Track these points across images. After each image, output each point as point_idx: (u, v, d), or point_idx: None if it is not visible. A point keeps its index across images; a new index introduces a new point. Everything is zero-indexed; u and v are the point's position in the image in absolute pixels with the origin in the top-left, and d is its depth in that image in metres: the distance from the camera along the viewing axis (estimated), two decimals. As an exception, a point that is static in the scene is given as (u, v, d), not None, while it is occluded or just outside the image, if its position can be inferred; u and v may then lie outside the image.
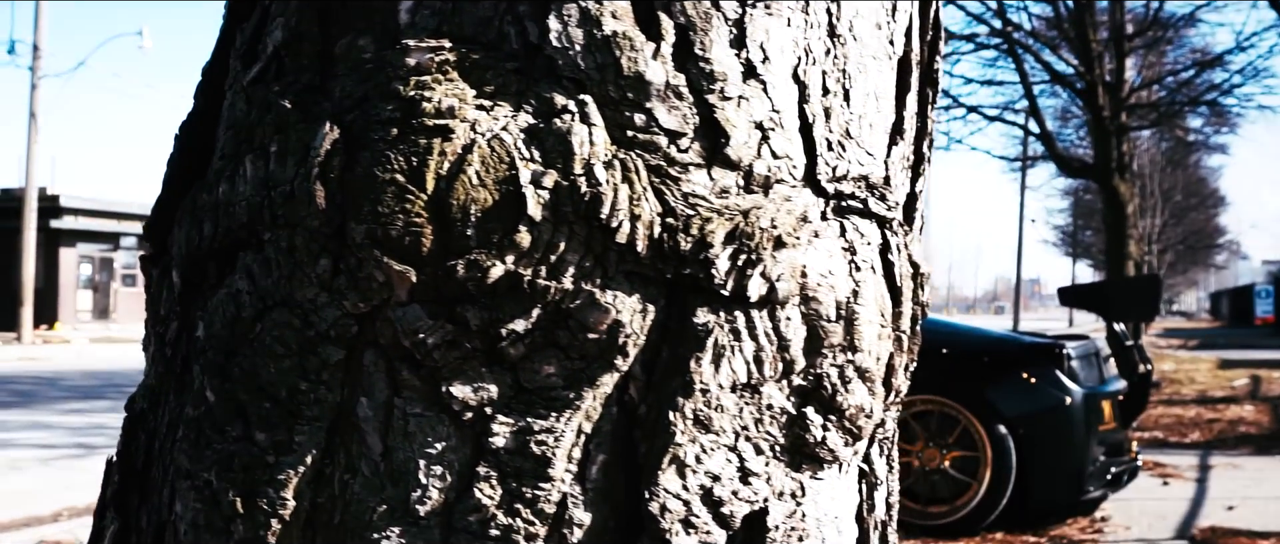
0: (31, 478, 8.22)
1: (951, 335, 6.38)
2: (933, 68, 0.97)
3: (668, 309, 0.74)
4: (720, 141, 0.74)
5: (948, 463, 5.84)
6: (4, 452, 9.55)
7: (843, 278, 0.79)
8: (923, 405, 5.89)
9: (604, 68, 0.73)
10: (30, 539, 6.05)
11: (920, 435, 5.90)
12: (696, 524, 0.73)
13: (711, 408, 0.74)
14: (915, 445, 5.89)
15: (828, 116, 0.81)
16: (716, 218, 0.74)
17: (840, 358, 0.79)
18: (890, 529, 0.95)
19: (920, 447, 5.89)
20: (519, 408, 0.72)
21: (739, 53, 0.76)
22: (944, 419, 5.87)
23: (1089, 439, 5.81)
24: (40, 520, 6.70)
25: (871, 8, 0.85)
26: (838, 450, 0.80)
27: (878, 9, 0.86)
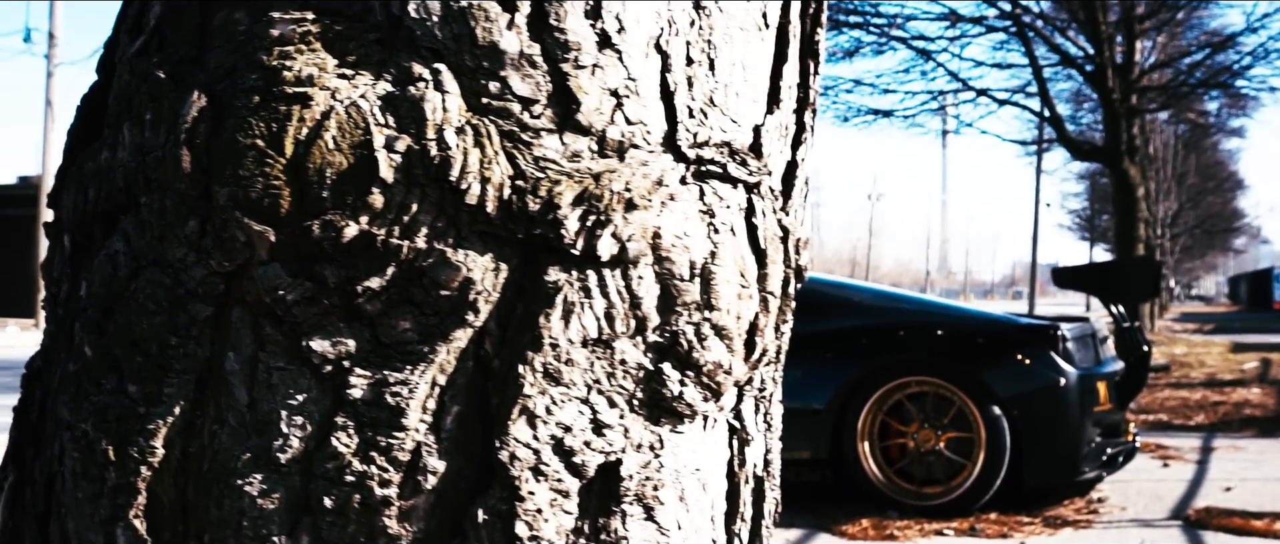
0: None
1: (946, 317, 6.40)
2: (814, 40, 1.00)
3: (523, 268, 0.78)
4: (572, 108, 0.78)
5: (943, 444, 5.87)
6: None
7: (700, 239, 0.83)
8: (917, 386, 5.92)
9: (460, 38, 0.77)
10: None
11: (915, 417, 5.93)
12: (547, 472, 0.77)
13: (561, 362, 0.78)
14: (910, 427, 5.93)
15: (691, 85, 0.85)
16: (566, 180, 0.77)
17: (696, 316, 0.82)
18: (768, 486, 0.98)
19: (915, 428, 5.92)
20: (376, 361, 0.76)
21: (594, 23, 0.79)
22: (939, 400, 5.90)
23: (1084, 420, 5.83)
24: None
25: (738, -20, 0.88)
26: (696, 405, 0.84)
27: (746, -17, 0.89)
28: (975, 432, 5.74)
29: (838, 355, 6.09)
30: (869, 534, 5.43)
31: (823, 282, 7.15)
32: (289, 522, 0.76)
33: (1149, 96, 14.96)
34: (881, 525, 5.53)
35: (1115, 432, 6.28)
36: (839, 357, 6.08)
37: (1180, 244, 34.01)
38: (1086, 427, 5.83)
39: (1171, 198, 27.32)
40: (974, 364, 5.83)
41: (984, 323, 6.25)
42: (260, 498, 0.76)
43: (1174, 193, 23.07)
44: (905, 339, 6.08)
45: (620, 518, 0.81)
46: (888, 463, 5.93)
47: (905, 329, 6.16)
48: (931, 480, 5.87)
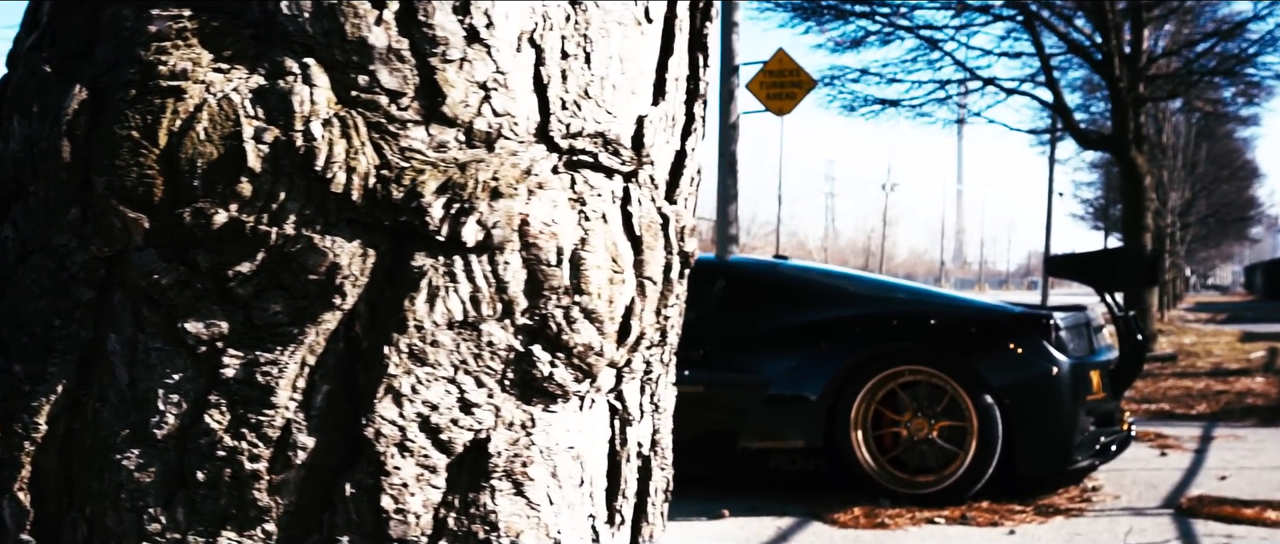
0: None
1: (939, 306, 6.42)
2: (702, 35, 1.03)
3: (392, 253, 0.82)
4: (438, 100, 0.81)
5: (935, 433, 5.89)
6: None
7: (570, 226, 0.86)
8: (910, 375, 5.94)
9: (330, 33, 0.80)
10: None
11: (908, 406, 5.95)
12: (412, 448, 0.81)
13: (427, 343, 0.81)
14: (903, 416, 5.95)
15: (565, 78, 0.88)
16: (430, 170, 0.81)
17: (565, 300, 0.86)
18: (656, 464, 1.02)
19: (908, 417, 5.95)
20: (249, 342, 0.80)
21: (463, 19, 0.83)
22: (932, 389, 5.92)
23: (1076, 409, 5.84)
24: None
25: (616, -23, 0.92)
26: (568, 385, 0.88)
27: (625, -22, 0.92)
28: (967, 421, 5.77)
29: (831, 345, 6.11)
30: (860, 522, 5.46)
31: (817, 271, 7.17)
32: (165, 494, 0.80)
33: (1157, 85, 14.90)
34: (873, 513, 5.56)
35: (1109, 420, 6.30)
36: (832, 346, 6.10)
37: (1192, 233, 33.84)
38: (1079, 415, 5.85)
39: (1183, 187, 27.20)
40: (966, 353, 5.85)
41: (977, 312, 6.26)
42: (138, 472, 0.80)
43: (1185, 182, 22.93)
44: (898, 328, 6.10)
45: (489, 493, 0.85)
46: (881, 451, 5.96)
47: (898, 318, 6.18)
48: (925, 469, 5.90)
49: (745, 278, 6.81)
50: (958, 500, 5.73)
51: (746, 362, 6.30)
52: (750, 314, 6.51)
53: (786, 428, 6.10)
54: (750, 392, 6.19)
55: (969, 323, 6.07)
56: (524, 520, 0.86)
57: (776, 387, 6.14)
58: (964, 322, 6.09)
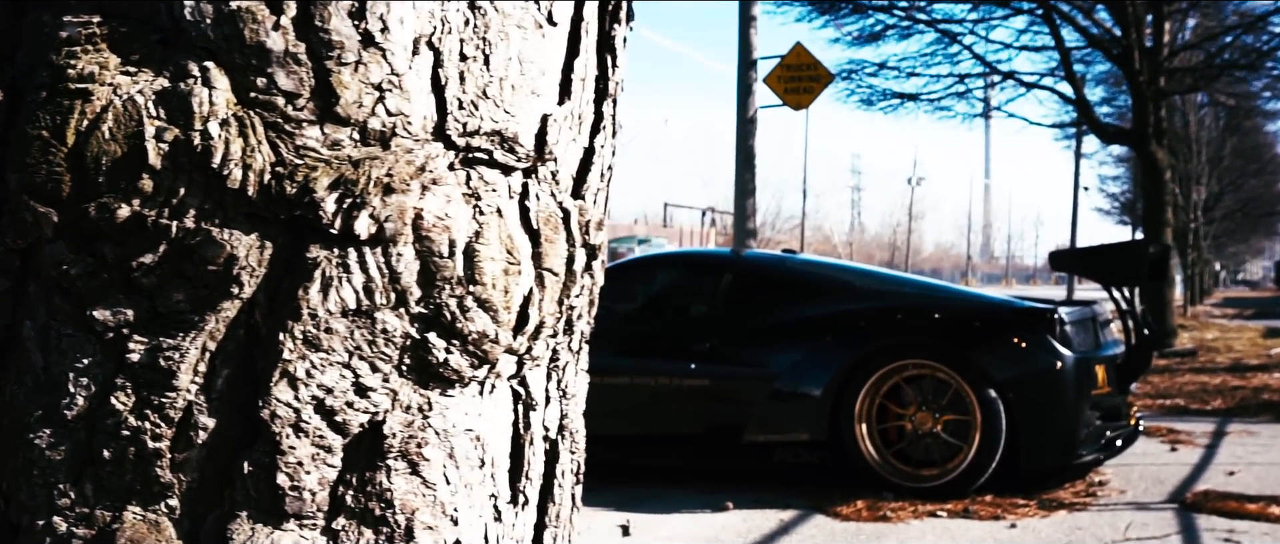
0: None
1: (943, 300, 6.44)
2: (610, 36, 1.08)
3: (291, 246, 0.87)
4: (332, 101, 0.86)
5: (939, 427, 5.91)
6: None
7: (464, 220, 0.91)
8: (914, 370, 5.97)
9: (230, 38, 0.85)
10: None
11: (913, 399, 5.98)
12: (307, 429, 0.86)
13: (321, 330, 0.86)
14: (908, 409, 5.98)
15: (463, 79, 0.93)
16: (323, 167, 0.86)
17: (458, 290, 0.91)
18: (563, 448, 1.06)
19: (913, 410, 5.97)
20: (154, 329, 0.85)
21: (358, 24, 0.88)
22: (936, 383, 5.95)
23: (1081, 403, 5.85)
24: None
25: (515, -17, 0.96)
26: (464, 371, 0.92)
27: (525, -16, 0.97)
28: (971, 415, 5.79)
29: (836, 339, 6.14)
30: (863, 515, 5.50)
31: (823, 265, 7.20)
32: (74, 471, 0.85)
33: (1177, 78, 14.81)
34: (876, 507, 5.59)
35: (1116, 415, 6.30)
36: (837, 340, 6.14)
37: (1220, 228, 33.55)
38: (1083, 410, 5.86)
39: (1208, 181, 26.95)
40: (970, 347, 5.87)
41: (981, 307, 6.28)
42: (49, 450, 0.85)
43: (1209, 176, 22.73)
44: (902, 323, 6.13)
45: (385, 472, 0.90)
46: (886, 445, 5.99)
47: (903, 313, 6.20)
48: (929, 463, 5.92)
49: (752, 272, 6.85)
50: (961, 494, 5.76)
51: (752, 355, 6.34)
52: (756, 308, 6.55)
53: (791, 421, 6.14)
54: (756, 385, 6.23)
55: (973, 317, 6.09)
56: (419, 498, 0.91)
57: (782, 380, 6.17)
58: (968, 316, 6.11)
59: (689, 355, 6.43)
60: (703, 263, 7.25)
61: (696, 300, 6.79)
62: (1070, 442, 5.85)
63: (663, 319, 6.90)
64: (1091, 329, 6.23)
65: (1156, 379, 11.47)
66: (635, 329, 6.86)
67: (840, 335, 6.15)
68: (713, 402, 6.36)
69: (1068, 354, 5.83)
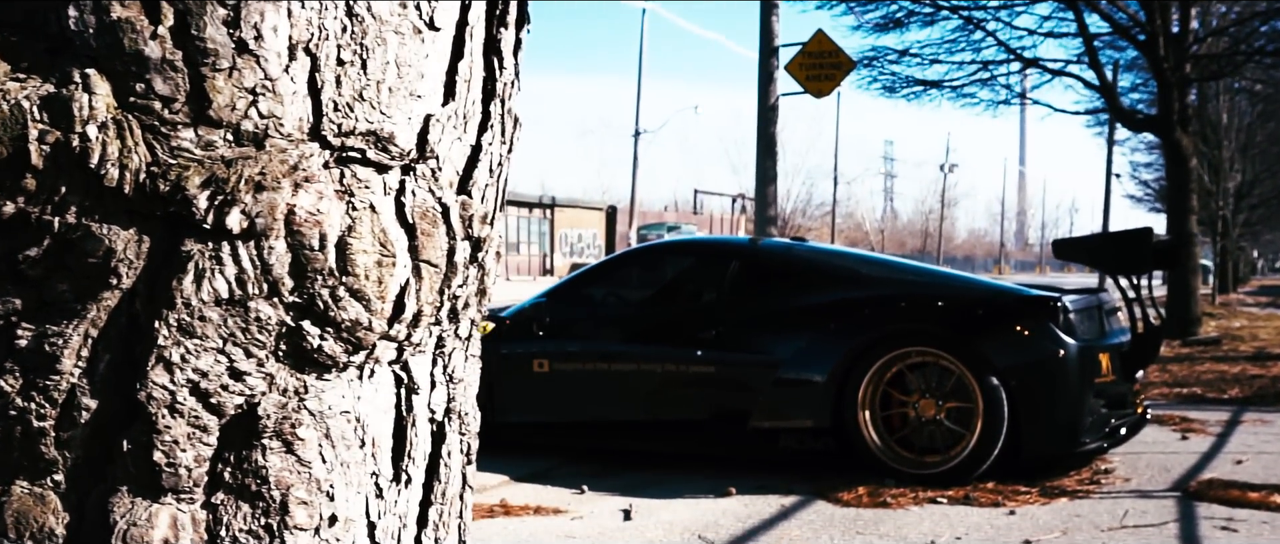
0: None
1: (947, 288, 6.46)
2: (496, 40, 1.14)
3: (169, 240, 0.93)
4: (205, 105, 0.93)
5: (943, 414, 5.94)
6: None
7: (337, 215, 0.97)
8: (917, 357, 6.00)
9: (112, 46, 0.92)
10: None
11: (916, 386, 6.01)
12: (183, 410, 0.93)
13: (195, 318, 0.93)
14: (911, 396, 6.01)
15: (339, 83, 0.99)
16: (195, 167, 0.92)
17: (331, 281, 0.97)
18: (450, 430, 1.13)
19: (916, 397, 6.00)
20: (40, 317, 0.92)
21: (233, 32, 0.94)
22: (939, 371, 5.97)
23: (1083, 391, 5.86)
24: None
25: (392, -9, 1.02)
26: (339, 357, 0.99)
27: (404, -8, 1.03)
28: (973, 402, 5.82)
29: (840, 326, 6.18)
30: (864, 502, 5.54)
31: (830, 252, 7.23)
32: (-33, 449, 0.93)
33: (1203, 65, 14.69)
34: (877, 493, 5.63)
35: (1121, 403, 6.31)
36: (841, 327, 6.17)
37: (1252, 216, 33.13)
38: (1086, 398, 5.87)
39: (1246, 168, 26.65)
40: (973, 335, 5.89)
41: (984, 294, 6.29)
42: (-57, 429, 0.92)
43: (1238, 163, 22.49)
44: (906, 310, 6.16)
45: (260, 450, 0.96)
46: (889, 432, 6.03)
47: (907, 300, 6.23)
48: (932, 450, 5.96)
49: (759, 260, 6.89)
50: (963, 481, 5.79)
51: (758, 342, 6.39)
52: (763, 295, 6.60)
53: (796, 408, 6.19)
54: (761, 372, 6.28)
55: (976, 305, 6.11)
56: (294, 475, 0.98)
57: (787, 367, 6.22)
58: (971, 303, 6.13)
59: (695, 342, 6.49)
60: (710, 250, 7.30)
61: (704, 288, 6.84)
62: (1073, 429, 5.86)
63: (670, 306, 6.96)
64: (1097, 317, 6.23)
65: (1176, 367, 11.42)
66: (643, 316, 6.93)
67: (844, 323, 6.19)
68: (719, 388, 6.42)
69: (1071, 342, 5.84)
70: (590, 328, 6.93)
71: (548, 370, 6.89)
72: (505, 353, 6.99)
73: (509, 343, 7.01)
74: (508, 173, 1.20)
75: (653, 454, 6.73)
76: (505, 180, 1.19)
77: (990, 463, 5.81)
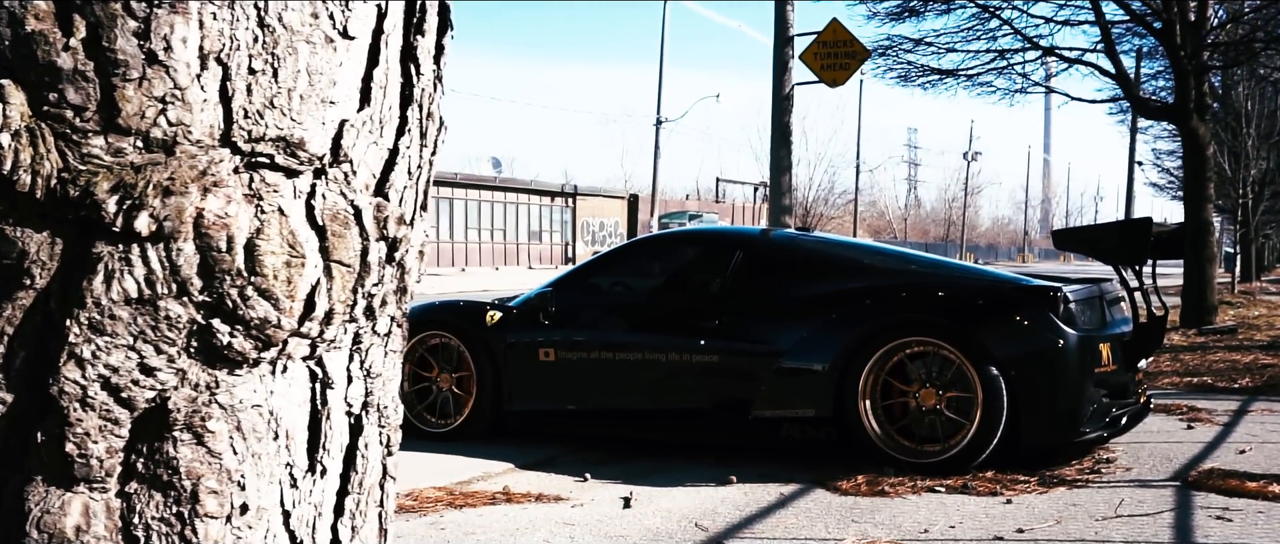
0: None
1: (948, 278, 6.48)
2: (413, 48, 1.18)
3: (82, 242, 0.98)
4: (115, 114, 0.97)
5: (943, 403, 5.97)
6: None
7: (245, 218, 1.02)
8: (918, 347, 6.02)
9: (26, 58, 0.97)
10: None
11: (917, 376, 6.03)
12: (95, 404, 0.98)
13: (105, 317, 0.98)
14: (911, 386, 6.04)
15: (250, 91, 1.04)
16: (104, 173, 0.97)
17: (239, 281, 1.02)
18: (368, 422, 1.17)
19: (916, 387, 6.03)
20: (-41, 316, 0.97)
21: (143, 44, 0.99)
22: (940, 360, 6.00)
23: (1083, 381, 5.88)
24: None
25: (303, 3, 1.07)
26: (249, 353, 1.03)
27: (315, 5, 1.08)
28: (973, 392, 5.83)
29: (841, 316, 6.21)
30: (862, 490, 5.57)
31: (834, 242, 7.24)
32: (-109, 439, 0.98)
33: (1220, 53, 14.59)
34: (876, 482, 5.66)
35: (1123, 392, 6.31)
36: (842, 317, 6.20)
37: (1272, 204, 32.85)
38: (1086, 388, 5.88)
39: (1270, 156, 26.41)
40: (972, 325, 5.91)
41: (985, 284, 6.31)
42: None
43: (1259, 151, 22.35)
44: (907, 300, 6.18)
45: (171, 443, 1.01)
46: (890, 421, 6.05)
47: (907, 290, 6.25)
48: (932, 439, 5.98)
49: (761, 250, 6.92)
50: (962, 470, 5.81)
51: (761, 332, 6.42)
52: (765, 285, 6.63)
53: (797, 397, 6.23)
54: (763, 361, 6.32)
55: (976, 295, 6.12)
56: (205, 465, 1.03)
57: (789, 357, 6.26)
58: (972, 294, 6.14)
59: (699, 331, 6.53)
60: (714, 240, 7.33)
61: (708, 277, 6.87)
62: (1073, 419, 5.87)
63: (675, 295, 7.00)
64: (1098, 307, 6.24)
65: (1188, 356, 11.38)
66: (648, 306, 6.98)
67: (846, 313, 6.22)
68: (721, 377, 6.46)
69: (1070, 332, 5.85)
70: (595, 317, 6.97)
71: (554, 359, 6.94)
72: (512, 342, 7.05)
73: (516, 332, 7.06)
74: (430, 174, 1.24)
75: (657, 443, 6.78)
76: (427, 182, 1.24)
77: (989, 452, 5.83)
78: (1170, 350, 11.80)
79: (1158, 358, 11.02)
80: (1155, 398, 8.78)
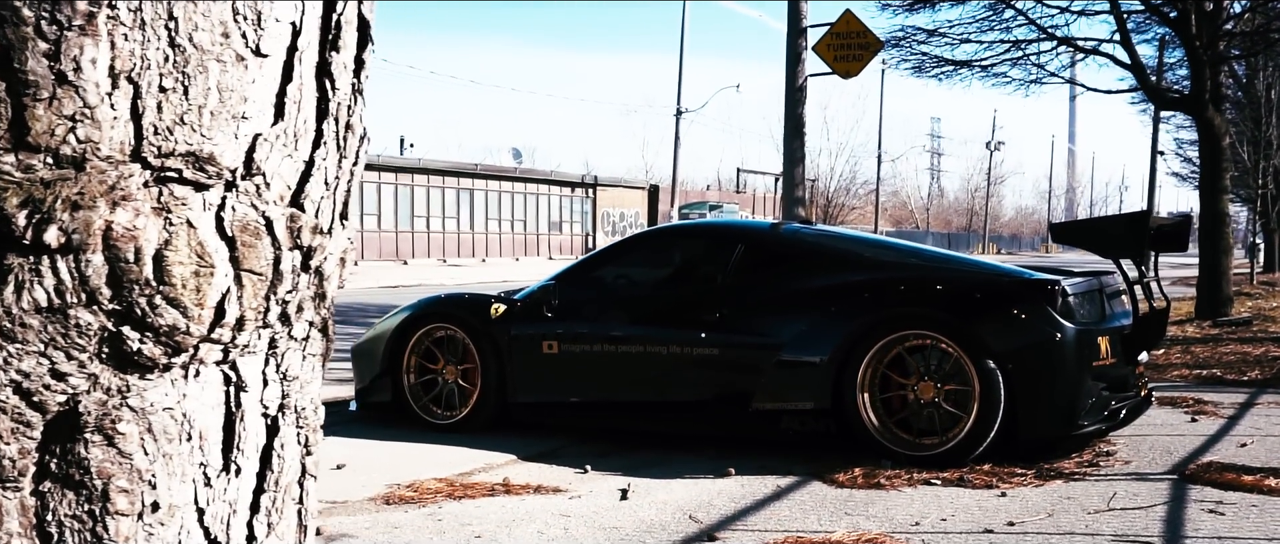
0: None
1: (946, 271, 6.49)
2: (327, 63, 1.23)
3: (-5, 256, 1.03)
4: (25, 132, 1.02)
5: (941, 397, 5.99)
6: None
7: (154, 230, 1.07)
8: (916, 340, 6.05)
9: (-64, 79, 1.02)
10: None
11: (915, 369, 6.06)
12: (7, 408, 1.03)
13: (16, 325, 1.03)
14: (909, 379, 6.07)
15: (160, 109, 1.09)
16: (13, 188, 1.02)
17: (148, 290, 1.07)
18: (285, 424, 1.22)
19: (914, 380, 6.06)
20: (-124, 325, 1.03)
21: (53, 65, 1.04)
22: (939, 354, 6.02)
23: (1081, 375, 5.89)
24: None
25: (214, 23, 1.12)
26: (159, 358, 1.09)
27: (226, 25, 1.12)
28: (970, 385, 5.86)
29: (840, 309, 6.24)
30: (858, 483, 5.61)
31: (834, 236, 7.26)
32: None
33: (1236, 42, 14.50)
34: (872, 475, 5.70)
35: (1123, 386, 6.32)
36: (841, 310, 6.23)
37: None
38: (1084, 381, 5.89)
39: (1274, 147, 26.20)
40: (969, 319, 5.93)
41: (983, 278, 6.32)
42: None
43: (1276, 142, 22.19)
44: (905, 293, 6.20)
45: (83, 444, 1.06)
46: (888, 414, 6.09)
47: (906, 283, 6.27)
48: (930, 432, 6.01)
49: (762, 243, 6.96)
50: (960, 463, 5.84)
51: (761, 325, 6.46)
52: (766, 279, 6.66)
53: (797, 390, 6.27)
54: (764, 354, 6.36)
55: (974, 289, 6.14)
56: (115, 466, 1.08)
57: (788, 350, 6.29)
58: (970, 287, 6.16)
59: (700, 325, 6.58)
60: (716, 234, 7.36)
61: (709, 271, 6.91)
62: (1070, 412, 5.89)
63: (676, 289, 7.04)
64: (1098, 300, 6.24)
65: (1198, 349, 11.35)
66: (650, 299, 7.02)
67: (844, 306, 6.25)
68: (722, 370, 6.51)
69: (1068, 325, 5.86)
70: (598, 310, 7.03)
71: (557, 351, 7.00)
72: (515, 334, 7.11)
73: (519, 324, 7.13)
74: (350, 185, 1.29)
75: (660, 435, 6.83)
76: (347, 191, 1.28)
77: (986, 446, 5.85)
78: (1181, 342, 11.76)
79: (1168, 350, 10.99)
80: (1162, 390, 8.78)
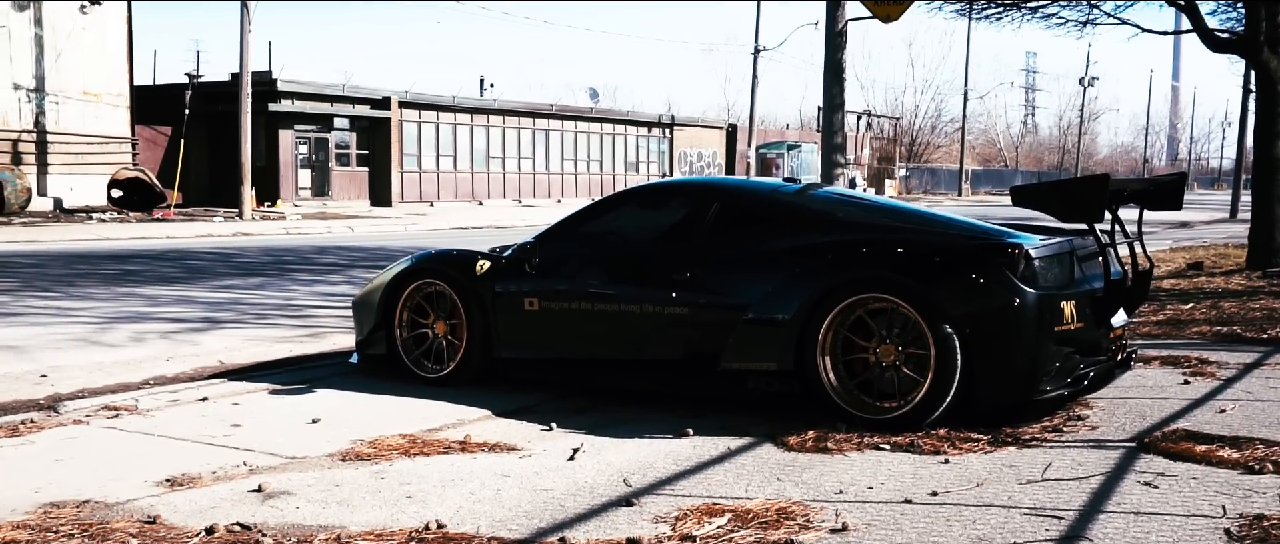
0: (147, 350, 9.25)
1: (912, 233, 6.43)
2: None
3: None
4: None
5: (902, 360, 5.97)
6: (140, 324, 10.69)
7: None
8: (876, 303, 6.03)
9: None
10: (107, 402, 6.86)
11: (876, 332, 6.04)
12: None
13: None
14: (871, 342, 6.05)
15: None
16: None
17: None
18: None
19: (876, 343, 6.04)
20: None
21: None
22: (900, 317, 5.99)
23: (1040, 339, 5.82)
24: (128, 387, 7.62)
25: None
26: None
27: None
28: (927, 349, 5.81)
29: (804, 271, 6.22)
30: (808, 446, 5.62)
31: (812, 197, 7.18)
32: None
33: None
34: (823, 438, 5.70)
35: (1094, 349, 6.21)
36: (805, 272, 6.21)
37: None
38: (1044, 345, 5.81)
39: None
40: (927, 282, 5.86)
41: (943, 241, 6.22)
42: None
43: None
44: (866, 256, 6.15)
45: None
46: (851, 376, 6.07)
47: (868, 246, 6.22)
48: (891, 395, 5.98)
49: (736, 202, 6.93)
50: (916, 427, 5.81)
51: (730, 285, 6.47)
52: (738, 238, 6.66)
53: (762, 351, 6.28)
54: (731, 314, 6.37)
55: (934, 252, 6.06)
56: None
57: (754, 310, 6.30)
58: (929, 250, 6.08)
59: (671, 284, 6.60)
60: (691, 192, 7.33)
61: (685, 229, 6.91)
62: (1030, 377, 5.82)
63: (653, 248, 7.06)
64: (1067, 263, 6.12)
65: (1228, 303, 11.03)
66: (627, 257, 7.05)
67: (808, 267, 6.22)
68: (692, 329, 6.54)
69: (1028, 290, 5.77)
70: (577, 267, 7.09)
71: (537, 308, 7.10)
72: (500, 291, 7.22)
73: (503, 281, 7.23)
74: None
75: (639, 392, 6.89)
76: None
77: (942, 411, 5.82)
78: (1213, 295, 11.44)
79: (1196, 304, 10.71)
80: (1171, 349, 8.60)
